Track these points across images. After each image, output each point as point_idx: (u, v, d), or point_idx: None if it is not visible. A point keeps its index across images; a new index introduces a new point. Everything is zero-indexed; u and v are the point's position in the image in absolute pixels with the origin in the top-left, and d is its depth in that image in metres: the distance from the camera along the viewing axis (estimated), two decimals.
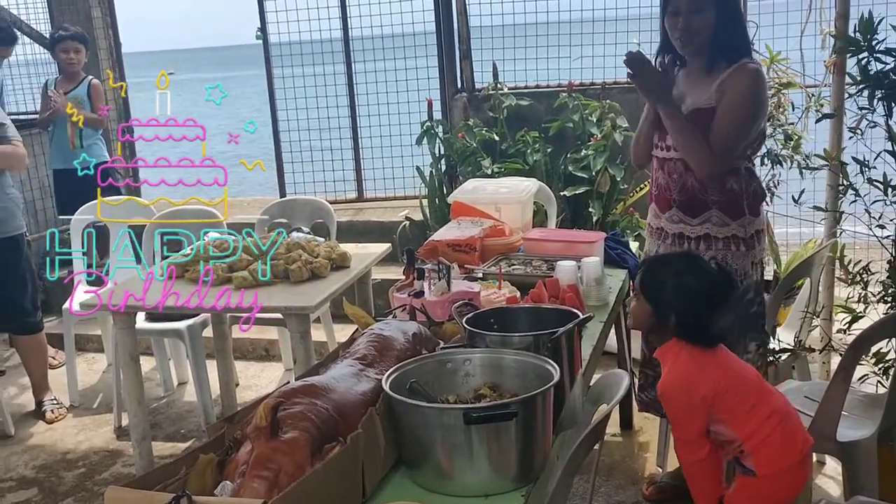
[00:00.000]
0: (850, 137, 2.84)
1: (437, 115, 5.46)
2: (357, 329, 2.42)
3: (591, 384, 2.43)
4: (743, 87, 2.79)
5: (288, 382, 1.99)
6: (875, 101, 2.73)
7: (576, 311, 2.24)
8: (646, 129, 3.05)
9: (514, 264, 3.33)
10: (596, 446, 2.03)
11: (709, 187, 2.90)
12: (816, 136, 5.13)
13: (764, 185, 3.16)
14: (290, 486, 1.51)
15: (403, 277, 2.95)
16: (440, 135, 5.26)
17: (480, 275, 3.18)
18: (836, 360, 3.62)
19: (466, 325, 2.14)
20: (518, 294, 2.91)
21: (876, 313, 3.06)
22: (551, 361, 1.91)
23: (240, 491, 1.57)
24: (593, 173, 4.90)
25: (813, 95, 4.38)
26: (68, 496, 3.70)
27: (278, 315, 3.67)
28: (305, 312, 3.30)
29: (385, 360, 2.01)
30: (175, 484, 1.64)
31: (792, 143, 4.41)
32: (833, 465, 3.33)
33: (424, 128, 5.24)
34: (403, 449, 1.86)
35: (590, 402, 2.24)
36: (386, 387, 1.85)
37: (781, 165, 4.39)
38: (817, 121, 3.32)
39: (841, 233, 2.97)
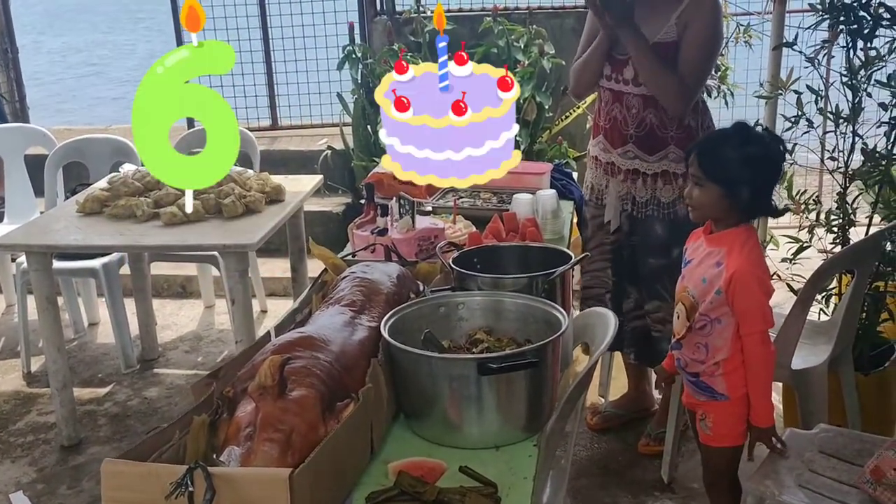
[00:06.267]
0: (806, 67, 2.83)
1: (359, 40, 5.20)
2: (325, 270, 2.28)
3: None
4: (707, 17, 2.73)
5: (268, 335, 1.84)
6: (837, 31, 2.71)
7: (565, 249, 2.16)
8: (596, 59, 2.93)
9: (462, 197, 3.22)
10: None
11: (668, 123, 2.85)
12: (736, 65, 5.19)
13: None
14: (313, 451, 1.38)
15: (361, 215, 2.79)
16: (361, 60, 5.02)
17: (430, 208, 3.06)
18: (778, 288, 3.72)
19: (455, 267, 2.03)
20: (474, 229, 2.80)
21: (821, 243, 3.12)
22: (557, 306, 1.83)
23: (250, 456, 1.44)
24: (520, 101, 4.79)
25: (741, 25, 4.39)
26: None
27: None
28: (245, 250, 3.12)
29: (375, 306, 1.88)
30: (169, 451, 1.49)
31: (719, 73, 4.43)
32: (774, 395, 3.42)
33: (346, 52, 4.98)
34: (405, 400, 1.76)
35: None
36: (385, 335, 1.73)
37: (710, 95, 4.40)
38: (774, 48, 3.31)
39: (792, 164, 2.99)
